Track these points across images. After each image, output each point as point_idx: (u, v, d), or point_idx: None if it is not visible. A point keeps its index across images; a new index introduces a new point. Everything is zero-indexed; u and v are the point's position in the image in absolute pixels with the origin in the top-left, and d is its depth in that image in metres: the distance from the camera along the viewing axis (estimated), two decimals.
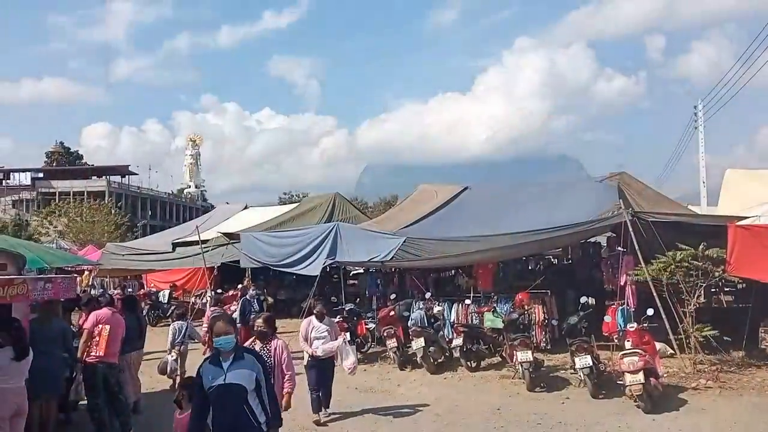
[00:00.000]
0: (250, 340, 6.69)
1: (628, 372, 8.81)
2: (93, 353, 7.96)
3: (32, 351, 7.00)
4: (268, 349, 6.36)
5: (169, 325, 19.51)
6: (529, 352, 10.47)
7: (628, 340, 9.43)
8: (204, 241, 19.35)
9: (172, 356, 10.93)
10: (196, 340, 11.56)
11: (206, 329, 10.01)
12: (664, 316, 10.66)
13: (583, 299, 11.67)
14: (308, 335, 9.00)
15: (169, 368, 10.81)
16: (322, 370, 9.01)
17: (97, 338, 8.01)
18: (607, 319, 11.58)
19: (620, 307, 11.78)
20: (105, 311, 8.30)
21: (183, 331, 11.16)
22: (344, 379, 11.51)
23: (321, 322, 9.10)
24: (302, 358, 9.16)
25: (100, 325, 8.05)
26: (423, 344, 11.86)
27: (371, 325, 14.09)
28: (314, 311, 9.30)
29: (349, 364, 9.16)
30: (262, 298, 16.00)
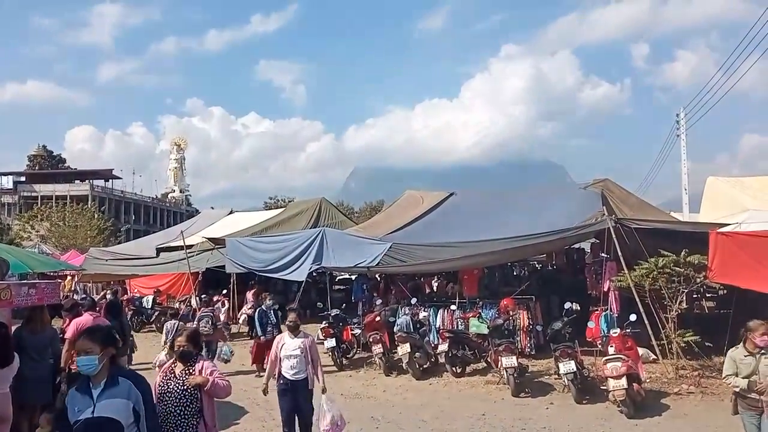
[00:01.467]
0: (169, 362, 5.31)
1: (612, 377, 8.89)
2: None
3: (23, 358, 6.94)
4: (190, 373, 4.97)
5: (153, 330, 19.50)
6: (514, 357, 10.54)
7: (611, 346, 9.52)
8: (188, 246, 19.29)
9: (164, 352, 10.89)
10: None
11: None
12: (646, 322, 10.77)
13: (567, 305, 11.77)
14: (277, 355, 7.45)
15: (162, 363, 10.78)
16: (295, 397, 7.36)
17: None
18: (591, 324, 11.68)
19: (604, 313, 11.87)
20: (86, 318, 8.22)
21: (176, 330, 11.24)
22: (329, 385, 11.51)
23: (294, 337, 7.52)
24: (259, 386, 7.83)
25: None
26: (408, 350, 11.87)
27: (357, 331, 14.09)
28: (286, 323, 7.86)
29: (325, 425, 7.14)
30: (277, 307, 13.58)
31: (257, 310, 13.18)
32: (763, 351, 6.01)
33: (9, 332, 6.93)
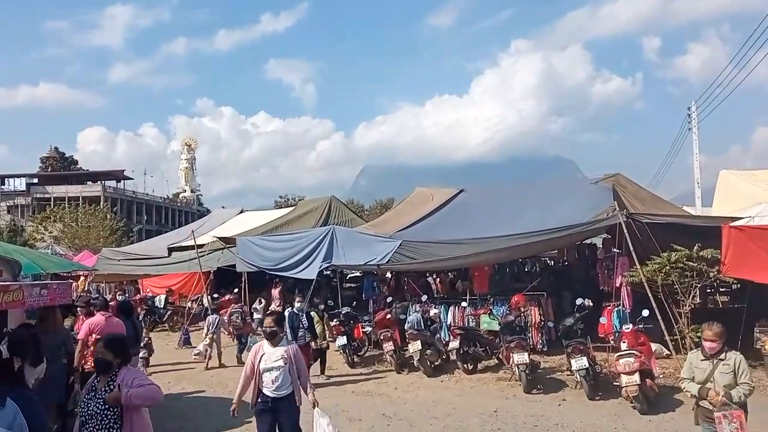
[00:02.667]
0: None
1: (624, 373, 8.83)
2: (89, 363, 7.94)
3: None
4: (111, 386, 4.41)
5: (165, 330, 19.66)
6: (526, 354, 10.49)
7: (623, 342, 9.45)
8: (200, 246, 19.37)
9: (206, 342, 13.76)
10: (224, 331, 14.71)
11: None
12: (659, 317, 10.69)
13: (578, 301, 11.70)
14: (255, 367, 6.26)
15: (202, 351, 13.64)
16: (277, 418, 6.24)
17: (91, 347, 7.97)
18: (603, 320, 11.59)
19: (616, 309, 11.80)
20: (98, 318, 8.25)
21: (215, 323, 14.01)
22: (340, 383, 11.57)
23: (275, 345, 6.29)
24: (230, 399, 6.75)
25: (94, 335, 8.01)
26: (420, 347, 11.86)
27: (368, 329, 14.09)
28: (262, 329, 6.85)
29: None
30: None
31: (288, 313, 11.43)
32: (720, 356, 5.56)
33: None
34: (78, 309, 9.83)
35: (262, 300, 18.27)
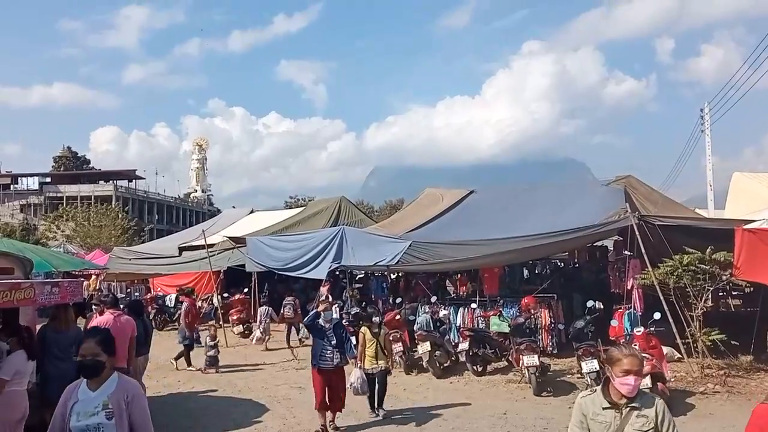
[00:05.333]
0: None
1: None
2: None
3: (47, 357, 7.09)
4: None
5: (176, 328, 19.72)
6: (536, 356, 10.44)
7: (635, 345, 9.38)
8: (210, 246, 19.43)
9: (260, 330, 15.85)
10: (275, 320, 16.46)
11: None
12: (671, 320, 10.61)
13: (589, 303, 11.64)
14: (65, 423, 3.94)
15: (261, 337, 15.74)
16: None
17: None
18: (614, 323, 11.52)
19: (627, 311, 11.72)
20: (107, 317, 8.26)
21: (267, 312, 15.88)
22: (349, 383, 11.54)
23: (96, 386, 3.97)
24: None
25: None
26: (429, 348, 11.83)
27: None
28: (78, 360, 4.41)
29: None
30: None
31: (325, 318, 8.50)
32: (633, 403, 3.50)
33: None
34: (93, 307, 9.88)
35: (294, 298, 18.02)
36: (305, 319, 9.03)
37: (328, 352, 8.27)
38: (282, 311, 16.12)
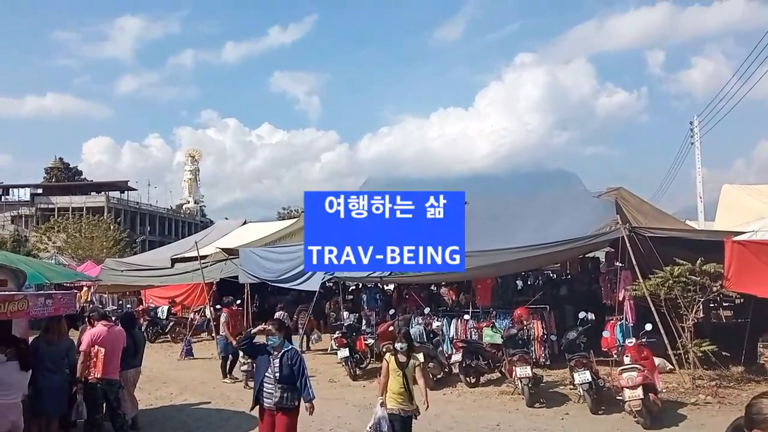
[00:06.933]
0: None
1: (627, 387, 8.81)
2: (92, 374, 7.96)
3: (39, 369, 7.06)
4: None
5: (167, 341, 19.66)
6: (528, 367, 10.47)
7: (626, 356, 9.44)
8: (203, 257, 19.39)
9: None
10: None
11: None
12: (662, 332, 10.68)
13: (581, 314, 11.69)
14: None
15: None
16: None
17: (94, 359, 7.98)
18: (606, 334, 11.59)
19: (619, 323, 11.79)
20: (100, 329, 8.24)
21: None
22: (342, 395, 11.54)
23: None
24: None
25: (96, 346, 8.02)
26: (422, 360, 11.82)
27: (370, 341, 14.07)
28: None
29: None
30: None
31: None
32: None
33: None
34: (87, 319, 9.85)
35: (284, 311, 18.01)
36: (239, 341, 7.44)
37: (270, 386, 6.30)
38: None
